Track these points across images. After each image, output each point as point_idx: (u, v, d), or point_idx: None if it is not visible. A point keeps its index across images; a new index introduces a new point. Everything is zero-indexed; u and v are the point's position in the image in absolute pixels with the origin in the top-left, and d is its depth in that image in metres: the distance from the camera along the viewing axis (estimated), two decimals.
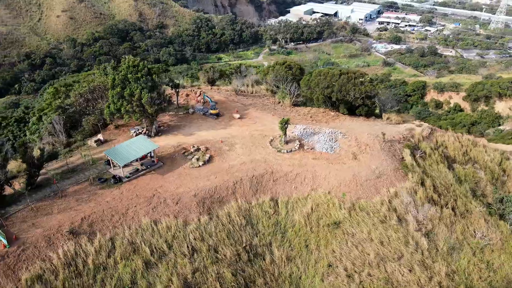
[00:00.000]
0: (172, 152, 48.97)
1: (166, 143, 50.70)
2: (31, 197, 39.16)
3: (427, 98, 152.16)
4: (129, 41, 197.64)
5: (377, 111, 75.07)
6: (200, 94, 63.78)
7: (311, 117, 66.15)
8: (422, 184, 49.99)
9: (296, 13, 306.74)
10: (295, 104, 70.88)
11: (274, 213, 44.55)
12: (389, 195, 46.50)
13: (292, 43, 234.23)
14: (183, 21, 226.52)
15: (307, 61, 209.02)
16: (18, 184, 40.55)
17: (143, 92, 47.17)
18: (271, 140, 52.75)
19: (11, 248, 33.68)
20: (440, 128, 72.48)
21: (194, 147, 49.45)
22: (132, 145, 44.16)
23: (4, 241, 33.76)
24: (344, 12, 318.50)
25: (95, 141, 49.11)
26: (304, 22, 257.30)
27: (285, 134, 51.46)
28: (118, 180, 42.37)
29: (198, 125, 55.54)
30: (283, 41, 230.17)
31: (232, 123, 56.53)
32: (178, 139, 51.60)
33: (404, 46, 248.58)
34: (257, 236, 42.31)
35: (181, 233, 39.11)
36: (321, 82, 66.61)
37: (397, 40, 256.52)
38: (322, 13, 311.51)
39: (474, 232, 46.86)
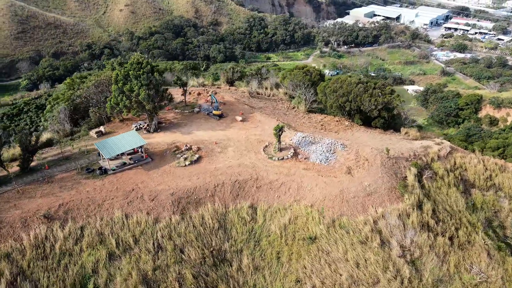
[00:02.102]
0: (165, 149, 50.20)
1: (162, 139, 52.10)
2: (22, 180, 42.45)
3: (482, 114, 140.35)
4: (182, 36, 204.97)
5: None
6: (211, 93, 64.49)
7: (322, 125, 64.16)
8: (420, 207, 46.55)
9: (355, 15, 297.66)
10: (310, 111, 69.11)
11: (250, 221, 43.97)
12: (376, 215, 43.80)
13: (345, 46, 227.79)
14: (237, 19, 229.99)
15: (357, 65, 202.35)
16: (7, 168, 43.86)
17: (141, 89, 48.86)
18: (266, 146, 52.01)
19: None
20: (466, 149, 66.64)
21: (186, 146, 50.29)
22: (122, 139, 45.99)
23: None
24: (407, 16, 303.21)
25: (96, 133, 51.86)
26: (360, 25, 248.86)
27: (279, 141, 50.46)
28: (103, 171, 44.38)
29: (199, 124, 56.31)
30: (335, 43, 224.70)
31: (233, 125, 56.56)
32: (175, 137, 52.74)
33: (469, 55, 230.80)
34: (228, 242, 42.09)
35: (149, 230, 40.08)
36: (336, 89, 64.29)
37: (461, 48, 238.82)
38: (384, 16, 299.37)
39: (471, 265, 42.80)
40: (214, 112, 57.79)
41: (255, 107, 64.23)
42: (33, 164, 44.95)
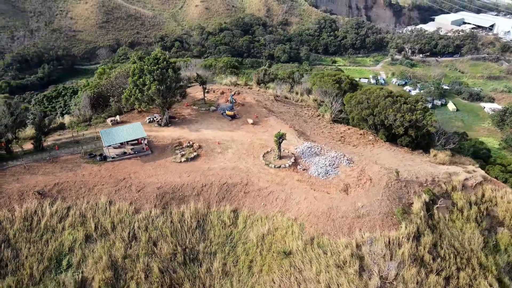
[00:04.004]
0: (168, 144, 51.69)
1: (168, 134, 53.72)
2: (32, 158, 46.83)
3: None
4: (251, 34, 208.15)
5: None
6: (234, 93, 64.89)
7: (342, 137, 61.09)
8: (418, 239, 42.29)
9: (441, 22, 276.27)
10: (336, 121, 66.16)
11: (230, 225, 43.60)
12: (361, 240, 40.67)
13: (421, 55, 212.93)
14: (308, 20, 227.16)
15: (430, 76, 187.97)
16: (21, 145, 48.55)
17: (152, 84, 50.85)
18: (267, 152, 50.98)
19: None
20: (505, 182, 58.69)
21: (188, 143, 51.27)
22: (124, 130, 48.37)
23: None
24: (502, 25, 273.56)
25: (111, 121, 55.17)
26: (442, 33, 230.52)
27: (279, 148, 49.13)
28: (103, 158, 47.14)
29: (209, 123, 56.98)
30: (409, 51, 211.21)
31: (242, 128, 56.29)
32: (182, 133, 54.02)
33: None
34: (203, 242, 42.23)
35: (128, 219, 41.72)
36: (362, 101, 60.69)
37: None
38: (474, 25, 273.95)
39: None
40: (227, 112, 58.07)
41: (275, 111, 63.19)
42: (46, 144, 49.35)
